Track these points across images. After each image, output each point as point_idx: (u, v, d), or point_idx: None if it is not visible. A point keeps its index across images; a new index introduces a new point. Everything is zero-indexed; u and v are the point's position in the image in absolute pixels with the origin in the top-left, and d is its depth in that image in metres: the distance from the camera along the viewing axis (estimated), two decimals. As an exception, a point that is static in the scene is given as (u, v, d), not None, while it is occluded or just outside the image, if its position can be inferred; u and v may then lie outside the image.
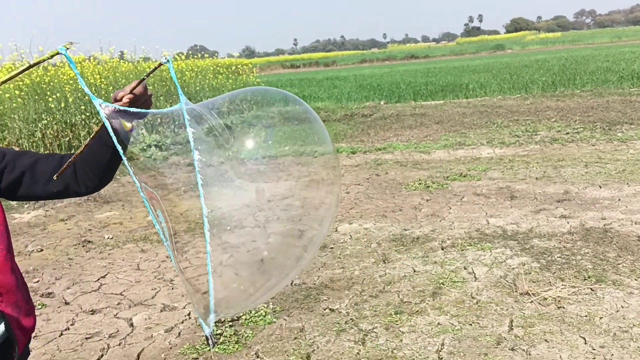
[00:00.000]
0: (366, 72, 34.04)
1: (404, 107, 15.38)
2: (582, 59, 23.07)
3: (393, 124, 13.04)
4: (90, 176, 1.63)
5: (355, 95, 18.30)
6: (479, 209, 5.85)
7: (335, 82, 25.34)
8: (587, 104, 12.32)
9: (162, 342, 3.69)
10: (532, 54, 40.89)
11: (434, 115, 13.38)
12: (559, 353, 3.02)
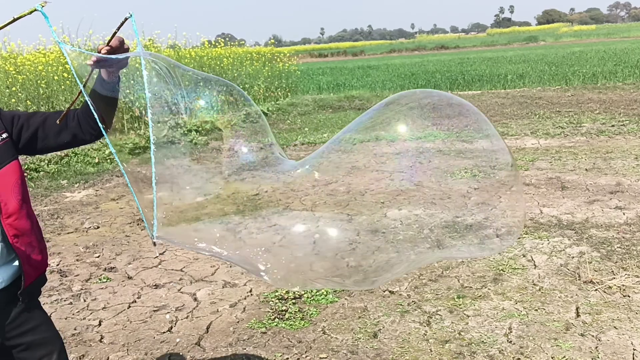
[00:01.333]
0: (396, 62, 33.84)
1: (441, 96, 15.30)
2: (621, 52, 22.64)
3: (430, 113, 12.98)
4: (92, 124, 1.87)
5: (390, 84, 18.25)
6: (531, 198, 5.85)
7: (368, 71, 25.26)
8: (631, 97, 12.13)
9: (228, 317, 3.79)
10: (567, 46, 40.20)
11: (472, 106, 13.30)
12: (629, 340, 3.04)
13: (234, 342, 3.42)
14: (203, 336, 3.55)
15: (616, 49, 25.23)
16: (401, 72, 22.43)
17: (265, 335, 3.46)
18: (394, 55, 58.61)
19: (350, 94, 16.72)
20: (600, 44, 38.05)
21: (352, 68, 29.53)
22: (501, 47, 56.01)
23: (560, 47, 39.80)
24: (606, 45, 35.16)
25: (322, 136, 10.69)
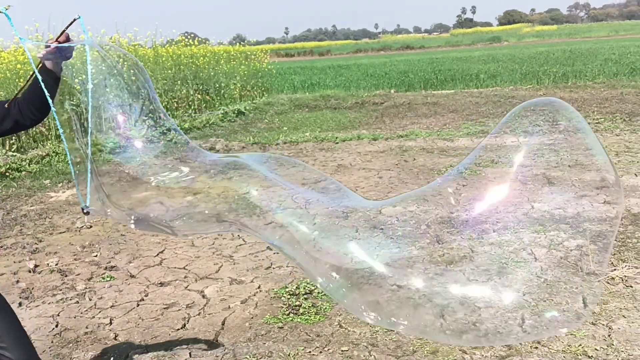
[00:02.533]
0: (365, 62, 34.08)
1: (415, 95, 15.50)
2: (587, 52, 23.29)
3: (407, 112, 13.17)
4: (32, 110, 2.17)
5: (364, 84, 18.39)
6: (520, 194, 6.01)
7: (340, 71, 25.40)
8: (602, 96, 12.51)
9: (241, 313, 3.82)
10: (531, 46, 41.09)
11: (447, 104, 13.52)
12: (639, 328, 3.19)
13: (252, 337, 3.45)
14: (219, 332, 3.56)
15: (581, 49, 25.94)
16: (373, 71, 22.61)
17: (283, 330, 3.50)
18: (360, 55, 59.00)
19: (325, 93, 16.80)
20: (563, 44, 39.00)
21: (322, 67, 29.64)
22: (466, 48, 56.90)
23: (525, 47, 40.64)
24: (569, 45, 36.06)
25: (303, 135, 10.74)
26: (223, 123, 13.66)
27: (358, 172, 7.67)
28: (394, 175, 7.25)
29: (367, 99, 15.51)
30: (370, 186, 6.81)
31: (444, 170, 7.27)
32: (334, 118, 13.08)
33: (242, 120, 13.99)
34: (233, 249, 5.10)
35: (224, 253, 5.03)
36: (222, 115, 14.10)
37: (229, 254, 5.01)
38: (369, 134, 10.21)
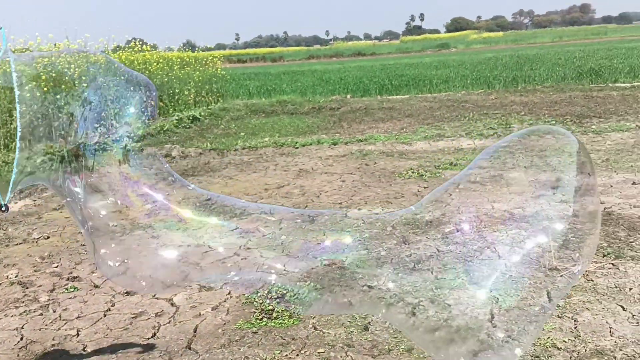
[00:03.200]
0: (319, 68, 34.22)
1: (371, 101, 15.67)
2: (534, 57, 24.05)
3: (364, 117, 13.30)
4: None
5: (320, 89, 18.48)
6: (479, 195, 6.15)
7: (295, 77, 25.44)
8: (551, 99, 12.93)
9: (213, 319, 3.78)
10: (479, 53, 42.14)
11: (402, 109, 13.72)
12: (604, 319, 3.31)
13: (226, 343, 3.42)
14: (192, 340, 3.52)
15: (528, 55, 26.75)
16: (328, 77, 22.75)
17: (257, 335, 3.48)
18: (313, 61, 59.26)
19: (282, 99, 16.80)
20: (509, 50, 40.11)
21: (276, 73, 29.63)
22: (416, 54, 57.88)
23: (473, 54, 41.65)
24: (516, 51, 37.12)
25: (262, 140, 10.71)
26: (178, 129, 13.48)
27: (320, 176, 7.70)
28: (357, 179, 7.31)
29: (324, 104, 15.58)
30: (334, 190, 6.85)
31: (404, 173, 7.38)
32: (292, 123, 13.10)
33: (198, 127, 13.84)
34: (199, 256, 5.03)
35: (190, 260, 4.95)
36: (176, 122, 13.91)
37: (195, 260, 4.93)
38: (328, 139, 10.26)
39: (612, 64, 18.15)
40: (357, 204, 6.17)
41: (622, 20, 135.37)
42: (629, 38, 48.66)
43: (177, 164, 9.56)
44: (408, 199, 6.24)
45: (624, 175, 6.43)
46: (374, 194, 6.58)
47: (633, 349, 2.99)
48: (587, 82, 15.05)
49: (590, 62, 19.03)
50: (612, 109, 11.26)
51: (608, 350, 3.00)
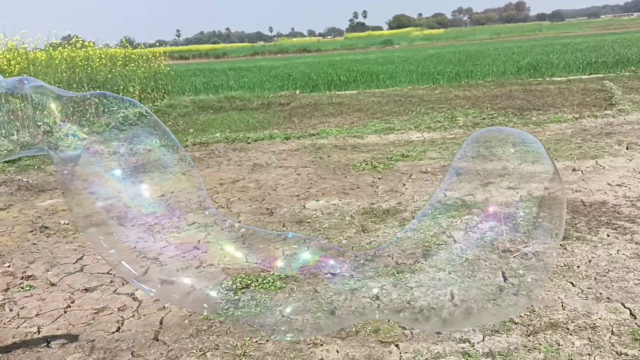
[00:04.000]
0: (265, 64, 34.11)
1: (320, 96, 15.77)
2: (475, 53, 24.74)
3: (314, 112, 13.38)
4: None
5: (269, 85, 18.46)
6: (432, 184, 6.34)
7: (241, 73, 25.29)
8: (492, 93, 13.37)
9: (178, 311, 3.77)
10: (422, 49, 42.93)
11: (351, 104, 13.88)
12: (556, 294, 3.51)
13: (194, 333, 3.43)
14: (159, 331, 3.51)
15: (469, 51, 27.48)
16: (276, 73, 22.74)
17: (224, 325, 3.51)
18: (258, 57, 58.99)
19: (230, 95, 16.70)
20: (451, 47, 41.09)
21: (222, 69, 29.35)
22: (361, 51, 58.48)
23: (416, 50, 42.39)
24: (456, 47, 38.05)
25: (213, 136, 10.64)
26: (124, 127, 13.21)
27: (275, 170, 7.73)
28: (312, 172, 7.39)
29: (273, 99, 15.59)
30: (290, 183, 6.90)
31: (359, 165, 7.51)
32: (242, 119, 13.05)
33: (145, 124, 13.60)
34: (158, 251, 4.99)
35: (148, 255, 4.91)
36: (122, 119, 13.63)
37: (154, 256, 4.90)
38: (280, 134, 10.30)
39: (548, 59, 18.89)
40: (314, 196, 6.25)
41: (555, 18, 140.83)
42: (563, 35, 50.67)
43: (126, 161, 9.37)
44: (364, 189, 6.37)
45: (565, 162, 6.76)
46: (330, 185, 6.68)
47: (584, 320, 3.18)
48: (526, 76, 15.63)
49: (528, 58, 19.75)
50: (550, 101, 11.75)
51: (561, 322, 3.18)
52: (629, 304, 3.33)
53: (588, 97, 11.84)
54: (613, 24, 77.00)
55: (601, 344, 2.94)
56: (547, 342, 2.99)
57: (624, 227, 4.60)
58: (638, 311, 3.24)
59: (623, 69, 15.78)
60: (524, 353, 2.91)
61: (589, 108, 10.43)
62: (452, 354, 2.96)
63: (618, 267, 3.84)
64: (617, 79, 14.11)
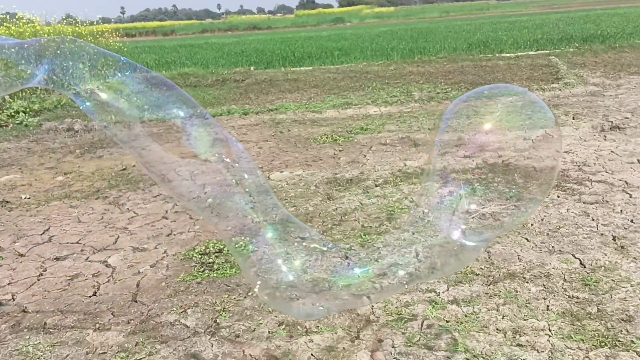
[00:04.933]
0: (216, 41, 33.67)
1: (276, 72, 15.78)
2: (426, 31, 25.10)
3: (270, 88, 13.41)
4: None
5: (223, 62, 18.31)
6: (391, 155, 6.56)
7: (193, 50, 24.94)
8: (445, 69, 13.69)
9: (154, 275, 3.87)
10: (374, 27, 43.13)
11: (307, 80, 13.97)
12: (512, 249, 3.77)
13: (172, 293, 3.54)
14: (137, 293, 3.61)
15: (420, 28, 27.84)
16: (228, 50, 22.53)
17: (202, 285, 3.63)
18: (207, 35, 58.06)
19: (183, 72, 16.51)
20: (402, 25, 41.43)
21: (173, 47, 28.86)
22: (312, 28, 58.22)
23: (368, 28, 42.55)
24: (408, 25, 38.41)
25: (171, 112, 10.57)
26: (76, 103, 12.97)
27: (236, 143, 7.79)
28: (273, 145, 7.49)
29: (228, 76, 15.50)
30: (252, 156, 6.96)
31: (319, 138, 7.65)
32: (197, 96, 12.95)
33: (98, 101, 13.37)
34: (126, 222, 5.06)
35: (117, 225, 4.97)
36: (74, 96, 13.37)
37: (122, 226, 4.96)
38: (238, 109, 10.33)
39: (497, 36, 19.39)
40: (277, 168, 6.38)
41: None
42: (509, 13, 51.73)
43: (81, 137, 9.27)
44: (326, 161, 6.53)
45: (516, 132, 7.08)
46: (293, 158, 6.81)
47: (539, 270, 3.45)
48: (477, 52, 16.02)
49: (477, 35, 20.21)
50: (500, 76, 12.13)
51: (518, 272, 3.44)
52: (579, 255, 3.62)
53: (536, 72, 12.28)
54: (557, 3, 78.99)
55: (555, 289, 3.21)
56: (506, 290, 3.24)
57: (572, 188, 4.92)
58: (587, 261, 3.53)
59: (567, 45, 16.37)
60: (486, 299, 3.15)
61: (537, 82, 10.85)
62: (420, 302, 3.17)
63: (568, 224, 4.14)
64: (562, 55, 14.66)
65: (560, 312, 2.97)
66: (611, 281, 3.26)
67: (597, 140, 6.53)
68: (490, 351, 2.67)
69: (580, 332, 2.78)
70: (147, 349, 2.91)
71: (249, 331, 3.03)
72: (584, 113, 8.00)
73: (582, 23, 22.73)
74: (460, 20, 38.12)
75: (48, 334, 3.16)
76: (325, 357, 2.75)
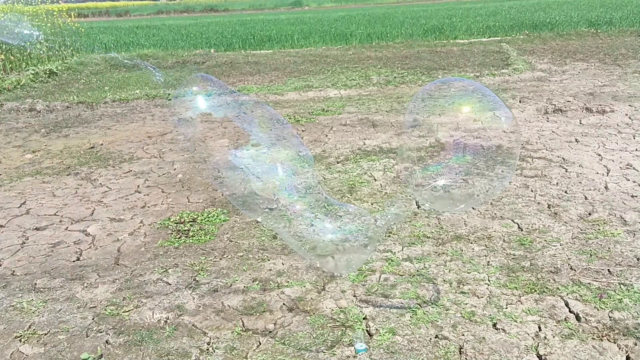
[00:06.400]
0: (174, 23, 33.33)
1: (236, 55, 15.95)
2: (384, 16, 25.51)
3: (231, 70, 13.61)
4: None
5: (182, 44, 18.33)
6: (351, 134, 6.95)
7: (151, 31, 24.73)
8: (402, 54, 14.14)
9: (133, 242, 4.16)
10: (332, 11, 43.38)
11: (268, 63, 14.21)
12: (460, 215, 4.21)
13: (152, 257, 3.85)
14: (119, 258, 3.90)
15: (378, 14, 28.25)
16: (187, 32, 22.45)
17: (179, 249, 3.95)
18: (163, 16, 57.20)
19: (143, 53, 16.50)
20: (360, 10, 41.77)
21: (130, 27, 28.48)
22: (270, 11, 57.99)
23: (326, 12, 42.77)
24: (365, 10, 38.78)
25: (133, 93, 10.71)
26: (35, 84, 12.91)
27: (202, 124, 8.03)
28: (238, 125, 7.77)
29: (188, 58, 15.60)
30: (218, 135, 7.28)
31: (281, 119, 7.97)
32: (158, 77, 13.05)
33: (56, 81, 13.33)
34: (100, 196, 5.30)
35: (92, 199, 5.22)
36: (32, 76, 13.28)
37: (97, 199, 5.21)
38: (201, 90, 10.52)
39: (452, 22, 19.93)
40: (242, 145, 6.69)
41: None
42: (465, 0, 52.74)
43: (44, 117, 9.34)
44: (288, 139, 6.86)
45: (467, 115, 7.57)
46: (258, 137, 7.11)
47: (482, 233, 3.90)
48: (432, 38, 16.54)
49: (433, 21, 20.73)
50: (453, 62, 12.65)
51: (464, 235, 3.88)
52: (517, 220, 4.09)
53: (487, 58, 12.85)
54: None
55: (495, 248, 3.66)
56: (452, 249, 3.68)
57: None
58: (524, 225, 4.00)
59: (518, 33, 17.04)
60: (435, 257, 3.58)
61: (488, 68, 11.41)
62: (379, 260, 3.58)
63: (510, 195, 4.61)
64: (513, 42, 15.30)
65: (498, 266, 3.42)
66: (544, 241, 3.74)
67: (540, 122, 7.07)
68: (437, 298, 3.10)
69: (514, 281, 3.23)
70: (134, 302, 3.23)
71: (226, 286, 3.38)
72: (530, 97, 8.56)
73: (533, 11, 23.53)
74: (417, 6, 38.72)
75: (39, 292, 3.44)
76: (295, 305, 3.13)
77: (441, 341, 2.72)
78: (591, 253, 3.53)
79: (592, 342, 2.65)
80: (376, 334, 2.81)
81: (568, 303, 2.98)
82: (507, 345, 2.66)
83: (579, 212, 4.19)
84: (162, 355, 2.73)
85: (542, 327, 2.79)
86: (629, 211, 4.14)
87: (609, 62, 11.60)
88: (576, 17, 19.26)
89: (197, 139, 7.26)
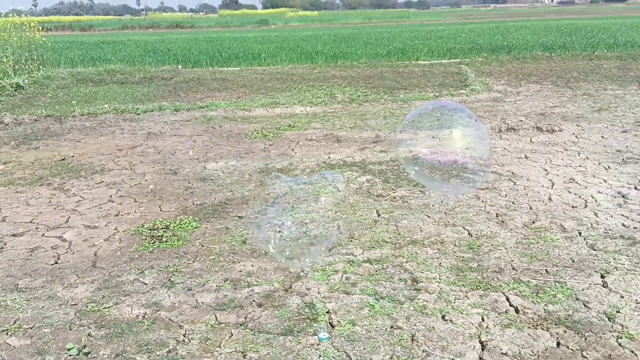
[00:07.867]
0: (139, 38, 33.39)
1: (204, 72, 16.21)
2: (349, 36, 26.14)
3: (198, 86, 13.86)
4: None
5: (149, 59, 18.48)
6: (317, 149, 7.28)
7: (118, 46, 24.78)
8: (366, 74, 14.62)
9: (109, 247, 4.39)
10: (298, 30, 44.00)
11: (235, 80, 14.51)
12: (416, 223, 4.57)
13: (128, 260, 4.08)
14: (95, 261, 4.12)
15: (343, 34, 28.90)
16: (154, 48, 22.61)
17: (154, 254, 4.19)
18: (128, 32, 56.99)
19: (110, 68, 16.59)
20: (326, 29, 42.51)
21: (96, 42, 28.45)
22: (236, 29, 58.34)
23: (292, 31, 43.36)
24: (331, 30, 39.51)
25: (102, 107, 10.85)
26: (2, 97, 12.93)
27: (171, 137, 8.29)
28: (207, 139, 8.05)
29: (155, 74, 15.77)
30: (187, 149, 7.52)
31: (250, 134, 8.28)
32: (125, 92, 13.22)
33: (23, 94, 13.36)
34: (74, 205, 5.50)
35: (66, 208, 5.41)
36: (1, 89, 13.31)
37: (71, 208, 5.40)
38: (170, 105, 10.76)
39: (414, 44, 20.62)
40: (213, 159, 6.95)
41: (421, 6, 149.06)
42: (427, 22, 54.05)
43: (12, 130, 9.43)
44: (257, 154, 7.16)
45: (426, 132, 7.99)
46: (226, 150, 7.40)
47: (435, 238, 4.26)
48: (395, 59, 17.12)
49: (396, 42, 21.40)
50: (415, 82, 13.18)
51: (419, 240, 4.23)
52: (467, 227, 4.47)
53: (447, 79, 13.42)
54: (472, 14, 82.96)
55: (446, 252, 4.02)
56: (408, 252, 4.02)
57: (468, 178, 5.82)
58: (474, 231, 4.38)
59: (477, 55, 17.77)
60: (392, 258, 3.91)
61: (447, 88, 11.94)
62: (341, 262, 3.89)
63: (462, 205, 5.00)
64: (472, 64, 15.97)
65: (449, 267, 3.77)
66: (490, 245, 4.11)
67: (494, 140, 7.53)
68: (393, 294, 3.42)
69: (462, 280, 3.59)
70: (113, 300, 3.47)
71: (200, 285, 3.64)
72: (486, 116, 9.05)
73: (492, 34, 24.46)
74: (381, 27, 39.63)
75: (21, 292, 3.64)
76: (264, 302, 3.41)
77: (396, 330, 3.04)
78: (532, 256, 3.91)
79: (528, 330, 3.01)
80: (338, 325, 3.11)
81: (509, 298, 3.34)
82: (453, 333, 2.99)
83: (524, 220, 4.60)
84: (141, 345, 2.98)
85: (485, 318, 3.14)
86: (568, 220, 4.56)
87: (561, 85, 12.27)
88: (532, 41, 20.15)
89: (167, 151, 7.51)
